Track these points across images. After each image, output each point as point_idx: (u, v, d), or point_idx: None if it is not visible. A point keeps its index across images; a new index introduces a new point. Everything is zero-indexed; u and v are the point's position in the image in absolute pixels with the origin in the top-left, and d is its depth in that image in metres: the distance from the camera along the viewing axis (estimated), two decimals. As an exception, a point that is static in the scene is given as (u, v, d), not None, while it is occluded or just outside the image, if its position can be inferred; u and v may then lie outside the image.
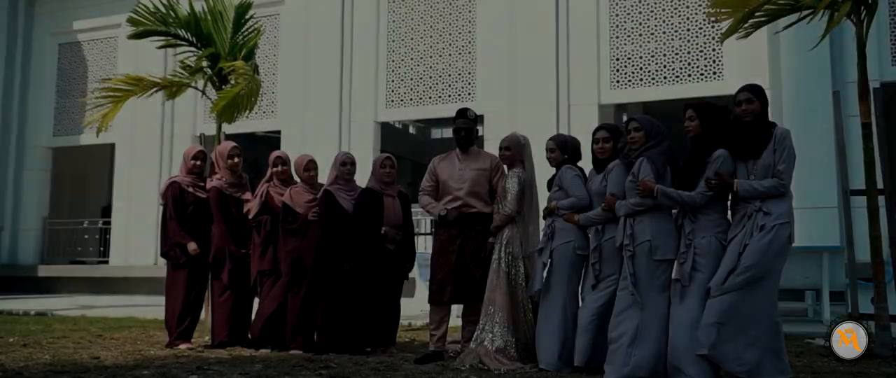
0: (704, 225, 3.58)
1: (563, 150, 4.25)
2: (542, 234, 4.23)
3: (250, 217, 4.98)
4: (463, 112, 4.64)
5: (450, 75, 9.93)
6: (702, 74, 8.75)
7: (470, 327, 4.56)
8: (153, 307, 8.83)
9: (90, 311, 8.64)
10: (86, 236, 12.50)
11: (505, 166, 4.55)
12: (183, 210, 5.05)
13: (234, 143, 5.27)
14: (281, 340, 4.88)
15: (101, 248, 12.12)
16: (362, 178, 4.84)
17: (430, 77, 10.04)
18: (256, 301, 5.14)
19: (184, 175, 5.17)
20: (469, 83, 9.82)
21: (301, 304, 4.78)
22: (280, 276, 4.88)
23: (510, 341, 4.18)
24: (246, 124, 11.33)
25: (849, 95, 8.06)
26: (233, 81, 6.17)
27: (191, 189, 5.10)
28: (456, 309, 4.78)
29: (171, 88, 6.43)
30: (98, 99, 6.40)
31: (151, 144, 11.35)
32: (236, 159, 5.18)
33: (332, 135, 10.31)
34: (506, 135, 4.58)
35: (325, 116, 10.40)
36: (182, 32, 6.38)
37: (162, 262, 10.94)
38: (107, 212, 13.66)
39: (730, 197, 3.64)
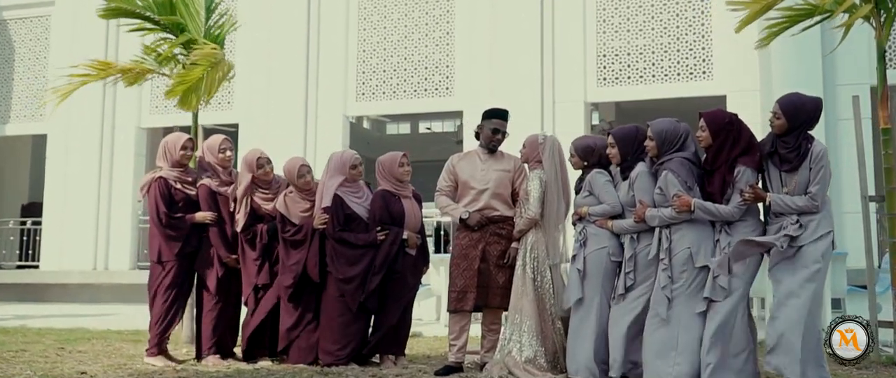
0: (741, 232, 3.78)
1: (583, 156, 4.35)
2: (573, 240, 4.33)
3: (239, 229, 4.89)
4: (502, 113, 4.71)
5: (426, 68, 9.99)
6: (691, 73, 9.09)
7: (491, 336, 4.65)
8: (101, 317, 8.59)
9: (28, 321, 8.32)
10: (11, 238, 12.00)
11: (526, 167, 4.65)
12: (172, 210, 4.93)
13: (224, 136, 5.16)
14: (270, 349, 4.90)
15: (31, 251, 11.65)
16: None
17: (405, 69, 10.08)
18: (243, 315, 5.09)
19: (168, 168, 4.98)
20: (447, 77, 9.91)
21: (300, 315, 4.78)
22: (272, 287, 4.85)
23: (539, 351, 4.29)
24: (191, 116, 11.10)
25: (838, 99, 8.57)
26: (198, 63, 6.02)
27: (178, 185, 4.95)
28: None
29: (137, 74, 6.26)
30: (59, 81, 6.21)
31: (90, 136, 10.98)
32: (228, 153, 5.07)
33: (296, 130, 10.23)
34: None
35: (288, 110, 10.30)
36: (154, 15, 6.25)
37: (101, 267, 10.77)
38: (29, 211, 13.14)
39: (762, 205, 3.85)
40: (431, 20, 10.05)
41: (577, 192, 4.41)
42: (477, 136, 4.79)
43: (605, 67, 9.37)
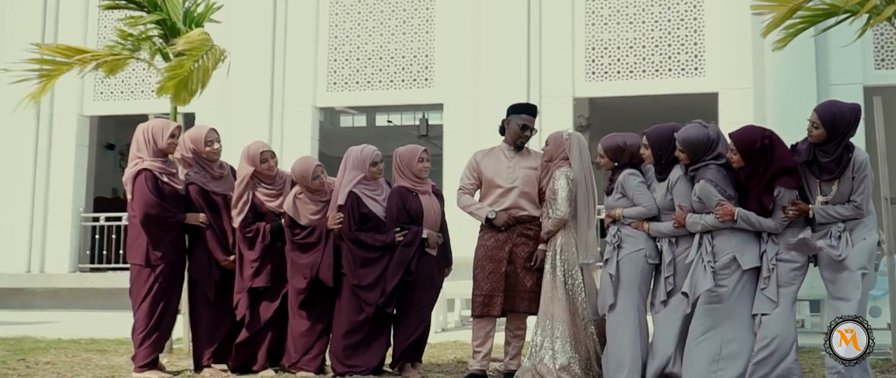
0: (789, 239, 3.95)
1: (614, 156, 4.44)
2: (607, 243, 4.42)
3: (237, 225, 4.83)
4: (530, 108, 4.81)
5: (404, 57, 10.00)
6: (683, 69, 9.36)
7: (516, 342, 4.75)
8: (42, 325, 8.31)
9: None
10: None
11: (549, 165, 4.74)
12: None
13: (210, 126, 5.08)
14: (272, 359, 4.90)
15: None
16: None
17: (381, 58, 10.06)
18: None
19: (150, 159, 4.81)
20: (426, 67, 9.94)
21: (312, 321, 4.77)
22: (275, 294, 4.83)
23: (574, 357, 4.40)
24: (142, 103, 10.85)
25: (832, 97, 8.91)
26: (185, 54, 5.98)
27: (165, 178, 4.83)
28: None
29: (111, 61, 6.12)
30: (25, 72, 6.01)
31: (24, 126, 10.55)
32: (216, 146, 4.99)
33: (259, 120, 10.09)
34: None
35: (250, 98, 10.14)
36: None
37: (36, 269, 10.40)
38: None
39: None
40: (410, 6, 10.06)
41: (607, 194, 4.51)
42: (501, 131, 4.86)
43: (593, 61, 9.56)
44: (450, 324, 8.06)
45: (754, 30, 9.30)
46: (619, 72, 9.52)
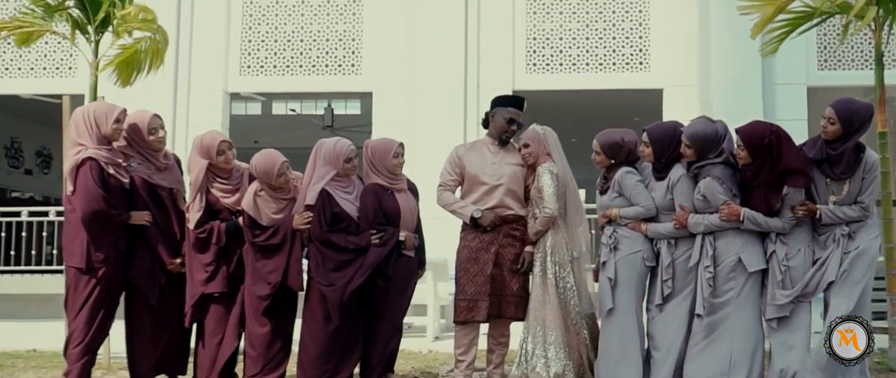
0: (797, 238, 4.21)
1: (611, 153, 4.56)
2: (602, 245, 4.56)
3: (192, 227, 4.70)
4: (518, 101, 4.87)
5: (328, 40, 9.89)
6: (627, 63, 9.72)
7: (500, 350, 4.82)
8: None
9: None
10: None
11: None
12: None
13: (154, 112, 4.89)
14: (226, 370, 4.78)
15: None
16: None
17: (302, 40, 9.91)
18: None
19: (94, 146, 4.58)
20: (353, 51, 9.87)
21: (274, 330, 4.69)
22: (231, 301, 4.73)
23: (567, 365, 4.52)
24: (18, 82, 10.25)
25: (777, 98, 9.55)
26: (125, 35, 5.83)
27: (111, 169, 4.60)
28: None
29: (22, 31, 5.81)
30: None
31: None
32: (161, 134, 4.82)
33: (162, 105, 9.57)
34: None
35: (153, 80, 9.72)
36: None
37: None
38: None
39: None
40: (335, -17, 9.98)
41: (602, 193, 4.64)
42: (485, 124, 4.91)
43: (535, 51, 9.77)
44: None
45: (700, 26, 9.77)
46: (561, 64, 9.77)
